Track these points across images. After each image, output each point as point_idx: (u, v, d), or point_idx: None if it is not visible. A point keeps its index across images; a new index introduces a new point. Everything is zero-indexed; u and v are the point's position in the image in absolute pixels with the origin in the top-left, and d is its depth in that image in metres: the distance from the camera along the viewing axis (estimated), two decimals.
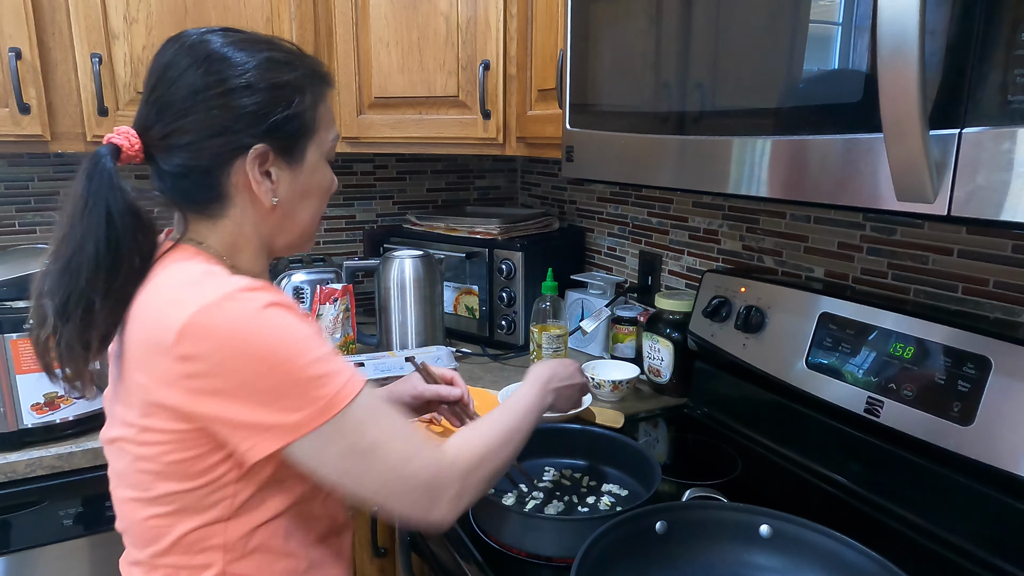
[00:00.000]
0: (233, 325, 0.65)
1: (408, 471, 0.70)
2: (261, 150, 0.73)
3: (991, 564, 0.89)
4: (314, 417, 0.66)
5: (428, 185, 2.17)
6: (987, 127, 0.58)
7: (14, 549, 1.19)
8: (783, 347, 1.17)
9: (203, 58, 0.72)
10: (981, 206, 0.59)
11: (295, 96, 0.75)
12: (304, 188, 0.79)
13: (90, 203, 0.70)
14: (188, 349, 0.65)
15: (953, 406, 0.91)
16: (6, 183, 1.68)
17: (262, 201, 0.76)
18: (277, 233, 0.80)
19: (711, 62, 0.87)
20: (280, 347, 0.66)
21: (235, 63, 0.72)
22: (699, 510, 0.88)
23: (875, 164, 0.68)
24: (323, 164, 0.81)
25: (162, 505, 0.72)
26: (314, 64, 0.79)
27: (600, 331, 1.68)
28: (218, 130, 0.72)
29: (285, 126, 0.74)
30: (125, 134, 0.73)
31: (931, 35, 0.59)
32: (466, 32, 1.50)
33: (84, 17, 1.36)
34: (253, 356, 0.64)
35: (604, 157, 1.09)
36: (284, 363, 0.65)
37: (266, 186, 0.75)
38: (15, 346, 1.14)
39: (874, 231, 1.16)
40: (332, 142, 0.81)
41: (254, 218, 0.77)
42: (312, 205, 0.81)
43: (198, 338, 0.65)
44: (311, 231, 0.84)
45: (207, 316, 0.65)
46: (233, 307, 0.65)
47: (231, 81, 0.71)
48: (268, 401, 0.65)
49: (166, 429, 0.69)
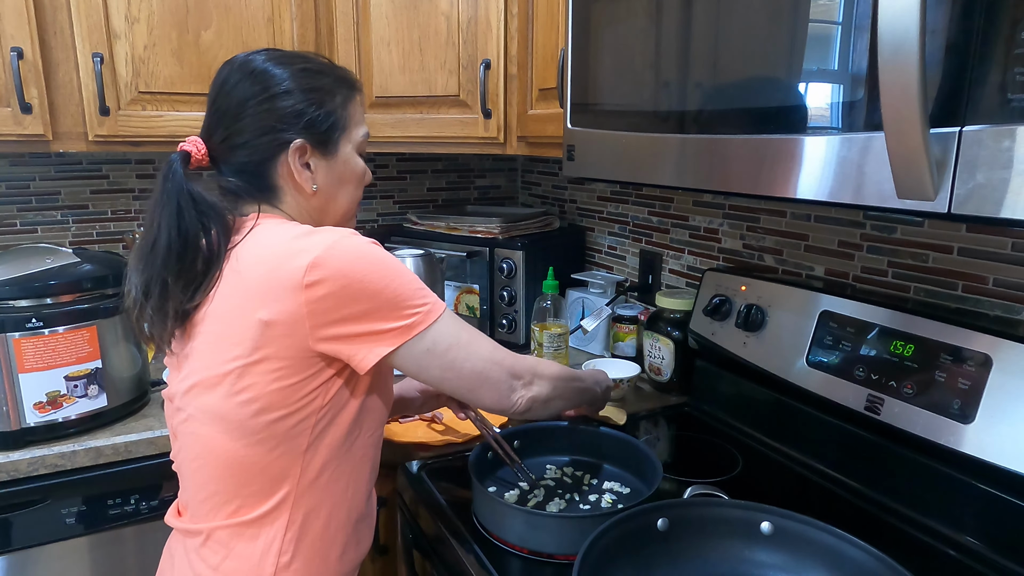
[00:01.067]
0: (354, 255, 0.80)
1: (497, 357, 0.89)
2: (300, 144, 0.88)
3: (991, 561, 0.89)
4: (422, 320, 0.83)
5: (429, 184, 2.18)
6: (987, 125, 0.58)
7: (16, 548, 1.19)
8: (784, 345, 1.17)
9: (249, 72, 0.88)
10: (981, 203, 0.59)
11: (327, 98, 0.89)
12: (340, 176, 0.93)
13: (164, 200, 0.83)
14: (316, 276, 0.78)
15: (953, 404, 0.91)
16: (7, 183, 1.68)
17: (304, 188, 0.90)
18: (322, 217, 0.94)
19: (711, 61, 0.87)
20: (389, 271, 0.81)
21: (275, 74, 0.88)
22: (700, 507, 0.88)
23: (876, 162, 0.68)
24: (355, 156, 0.94)
25: (253, 435, 0.82)
26: (344, 72, 0.94)
27: (601, 330, 1.68)
28: (266, 129, 0.87)
29: (320, 123, 0.89)
30: (193, 142, 0.89)
31: (931, 34, 0.60)
32: (467, 32, 1.50)
33: (86, 17, 1.36)
34: (373, 276, 0.80)
35: (605, 156, 1.10)
36: (395, 281, 0.81)
37: (306, 175, 0.90)
38: (18, 345, 1.14)
39: (874, 229, 1.17)
40: (362, 137, 0.95)
41: (302, 203, 0.91)
42: (349, 191, 0.95)
43: (327, 269, 0.78)
44: (352, 212, 0.98)
45: (333, 251, 0.79)
46: (350, 243, 0.80)
47: (272, 88, 0.87)
48: (387, 311, 0.81)
49: (281, 356, 0.80)
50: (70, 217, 1.75)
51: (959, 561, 0.90)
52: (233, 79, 0.88)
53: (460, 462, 1.15)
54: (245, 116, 0.87)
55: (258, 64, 0.88)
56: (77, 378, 1.20)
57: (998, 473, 0.86)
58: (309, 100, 0.88)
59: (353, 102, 0.94)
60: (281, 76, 0.88)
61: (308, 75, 0.89)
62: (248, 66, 0.89)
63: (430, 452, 1.20)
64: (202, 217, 0.84)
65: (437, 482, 1.10)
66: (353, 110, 0.94)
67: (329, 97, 0.90)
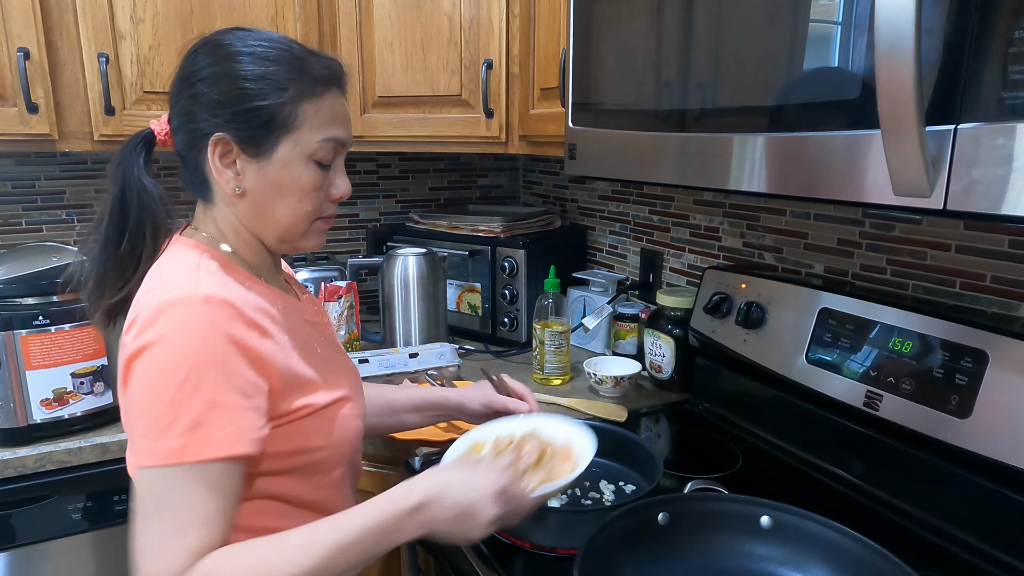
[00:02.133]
0: (165, 330, 0.68)
1: (141, 560, 0.67)
2: (219, 139, 0.75)
3: (988, 554, 0.90)
4: (160, 454, 0.66)
5: (431, 184, 2.19)
6: (982, 123, 0.59)
7: (23, 543, 1.20)
8: (783, 343, 1.18)
9: (203, 46, 0.77)
10: (976, 200, 0.60)
11: (269, 91, 0.75)
12: (275, 183, 0.78)
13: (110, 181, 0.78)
14: (129, 338, 0.70)
15: (951, 399, 0.92)
16: (13, 182, 1.69)
17: (224, 189, 0.78)
18: (258, 227, 0.81)
19: (712, 60, 0.88)
20: (186, 368, 0.66)
21: (218, 55, 0.76)
22: (701, 502, 0.89)
23: (873, 160, 0.69)
24: (301, 163, 0.78)
25: None
26: (318, 64, 0.78)
27: (602, 328, 1.69)
28: (187, 117, 0.77)
29: (250, 118, 0.75)
30: (160, 121, 0.81)
31: (927, 33, 0.61)
32: (469, 32, 1.51)
33: (91, 17, 1.37)
34: (163, 365, 0.67)
35: (606, 155, 1.11)
36: (178, 384, 0.66)
37: (227, 175, 0.77)
38: (25, 342, 1.15)
39: (873, 227, 1.18)
40: (322, 143, 0.78)
41: (230, 206, 0.80)
42: (289, 202, 0.79)
43: (138, 331, 0.69)
44: (298, 229, 0.81)
45: (153, 314, 0.69)
46: (175, 313, 0.68)
47: (206, 71, 0.75)
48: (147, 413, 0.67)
49: None
50: (75, 216, 1.76)
51: (956, 555, 0.91)
52: (193, 49, 0.79)
53: None
54: (177, 99, 0.78)
55: (213, 40, 0.77)
56: (83, 375, 1.21)
57: (995, 468, 0.87)
58: (242, 90, 0.74)
59: (314, 99, 0.77)
60: (224, 56, 0.75)
61: (256, 60, 0.75)
62: (207, 41, 0.78)
63: (433, 448, 1.21)
64: (143, 213, 0.78)
65: None
66: (309, 108, 0.77)
67: (274, 90, 0.75)
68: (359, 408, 0.90)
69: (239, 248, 0.83)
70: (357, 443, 0.90)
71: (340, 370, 0.89)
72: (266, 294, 0.81)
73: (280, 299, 0.84)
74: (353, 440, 0.88)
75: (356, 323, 1.66)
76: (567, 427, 0.87)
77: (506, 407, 1.05)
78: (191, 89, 0.76)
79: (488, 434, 0.90)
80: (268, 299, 0.80)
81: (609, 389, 1.43)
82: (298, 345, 0.81)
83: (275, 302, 0.82)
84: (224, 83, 0.75)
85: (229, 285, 0.74)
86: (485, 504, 0.72)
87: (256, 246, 0.84)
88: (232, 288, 0.74)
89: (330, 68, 0.80)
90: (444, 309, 1.73)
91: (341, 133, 0.80)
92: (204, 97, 0.75)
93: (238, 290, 0.74)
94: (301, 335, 0.83)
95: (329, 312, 1.61)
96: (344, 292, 1.61)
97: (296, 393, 0.78)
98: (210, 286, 0.71)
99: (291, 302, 0.87)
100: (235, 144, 0.76)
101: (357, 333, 1.66)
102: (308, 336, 0.85)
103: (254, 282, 0.81)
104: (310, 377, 0.80)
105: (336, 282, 1.64)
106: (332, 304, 1.61)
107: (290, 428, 0.78)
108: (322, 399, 0.81)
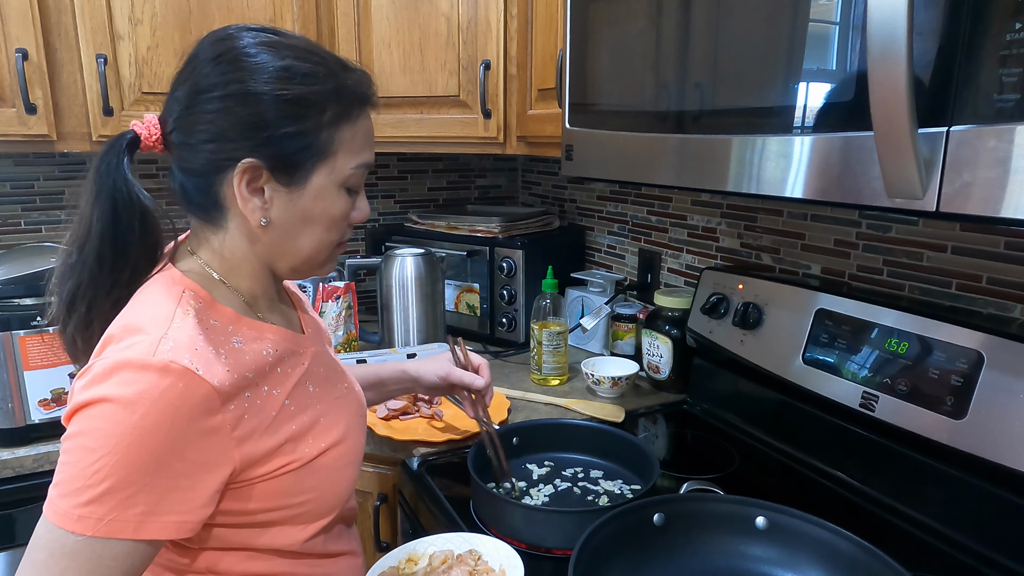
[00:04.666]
0: (110, 391, 0.61)
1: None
2: (250, 165, 0.68)
3: (983, 555, 0.90)
4: (60, 516, 0.60)
5: (429, 184, 2.19)
6: (974, 125, 0.59)
7: (21, 543, 1.21)
8: (780, 343, 1.19)
9: (221, 54, 0.68)
10: (969, 202, 0.60)
11: (308, 112, 0.68)
12: (305, 214, 0.72)
13: (96, 194, 0.69)
14: (78, 383, 0.64)
15: (946, 400, 0.92)
16: (12, 182, 1.69)
17: (249, 219, 0.71)
18: (276, 256, 0.74)
19: (710, 61, 0.88)
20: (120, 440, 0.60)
21: (247, 66, 0.67)
22: (696, 502, 0.89)
23: (868, 162, 0.69)
24: (334, 191, 0.72)
25: None
26: (349, 80, 0.72)
27: (600, 328, 1.69)
28: (213, 135, 0.68)
29: (286, 144, 0.68)
30: (148, 123, 0.72)
31: (919, 36, 0.61)
32: (467, 32, 1.51)
33: (90, 18, 1.37)
34: (98, 428, 0.61)
35: (603, 156, 1.11)
36: (106, 454, 0.60)
37: (253, 204, 0.70)
38: (23, 343, 1.15)
39: (870, 228, 1.18)
40: (356, 170, 0.73)
41: (248, 235, 0.73)
42: (316, 232, 0.74)
43: (87, 381, 0.62)
44: (319, 259, 0.76)
45: (104, 368, 0.62)
46: (124, 376, 0.61)
47: (235, 85, 0.67)
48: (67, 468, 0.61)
49: None
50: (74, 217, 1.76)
51: (951, 555, 0.91)
52: (203, 56, 0.69)
53: (460, 458, 1.16)
54: (196, 110, 0.68)
55: (237, 45, 0.69)
56: None
57: (989, 468, 0.87)
58: (280, 111, 0.67)
59: (350, 122, 0.71)
60: (256, 69, 0.67)
61: (288, 76, 0.68)
62: (225, 44, 0.69)
63: (430, 449, 1.21)
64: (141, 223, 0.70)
65: (437, 478, 1.12)
66: (346, 133, 0.71)
67: (312, 112, 0.69)
68: (353, 451, 0.82)
69: (239, 279, 0.75)
70: (350, 491, 0.83)
71: (337, 405, 0.81)
72: (253, 339, 0.73)
73: (270, 339, 0.75)
74: (345, 490, 0.81)
75: (354, 323, 1.66)
76: (506, 552, 0.85)
77: (462, 381, 1.06)
78: (216, 103, 0.67)
79: (427, 547, 0.87)
80: (255, 344, 0.72)
81: (606, 389, 1.43)
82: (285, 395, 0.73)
83: (260, 347, 0.73)
84: (259, 102, 0.67)
85: (199, 344, 0.65)
86: None
87: (263, 276, 0.76)
88: (202, 349, 0.65)
89: (364, 84, 0.73)
90: (442, 309, 1.73)
91: (371, 156, 0.74)
92: (234, 116, 0.67)
93: (209, 351, 0.66)
94: (290, 380, 0.75)
95: (327, 312, 1.61)
96: (342, 292, 1.62)
97: (271, 457, 0.70)
98: (175, 348, 0.63)
99: (284, 338, 0.77)
100: (267, 171, 0.69)
101: (355, 333, 1.66)
102: (300, 377, 0.77)
103: (241, 324, 0.73)
104: (292, 434, 0.72)
105: (334, 282, 1.64)
106: (330, 304, 1.61)
107: (269, 485, 0.71)
108: (307, 453, 0.73)
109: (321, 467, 0.75)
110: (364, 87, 0.74)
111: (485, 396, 1.08)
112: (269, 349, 0.74)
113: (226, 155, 0.68)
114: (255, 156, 0.68)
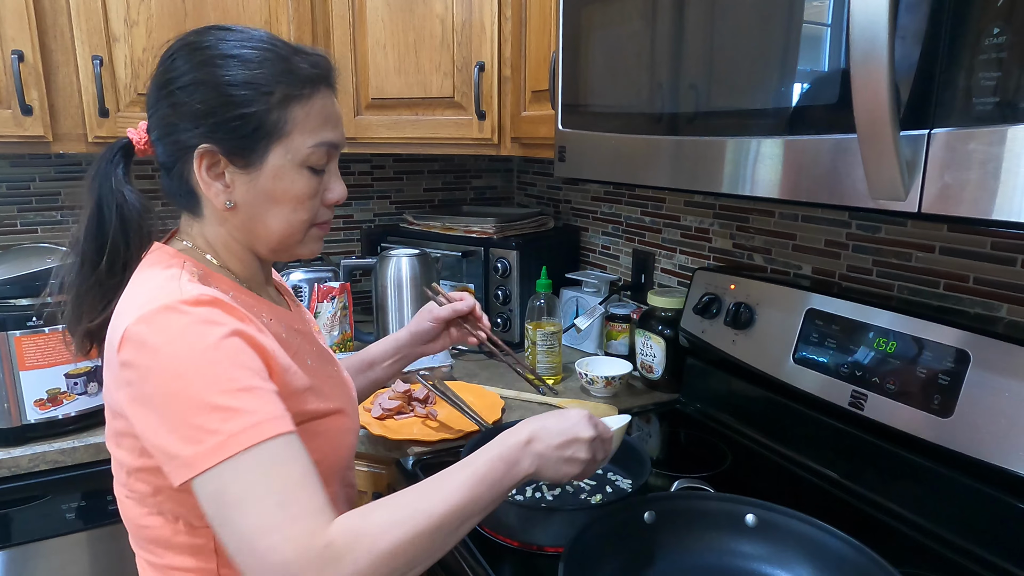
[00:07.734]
0: (161, 337, 0.63)
1: (260, 545, 0.58)
2: (205, 150, 0.71)
3: (970, 552, 0.91)
4: (207, 455, 0.60)
5: (425, 185, 2.20)
6: (955, 128, 0.60)
7: (17, 543, 1.21)
8: (771, 343, 1.20)
9: (176, 51, 0.72)
10: (949, 203, 0.61)
11: (255, 96, 0.71)
12: (268, 193, 0.74)
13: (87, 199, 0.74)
14: (126, 355, 0.64)
15: (933, 399, 0.93)
16: (8, 183, 1.70)
17: (214, 203, 0.74)
18: (251, 239, 0.78)
19: (703, 63, 0.89)
20: (195, 368, 0.62)
21: (198, 59, 0.71)
22: (687, 500, 0.90)
23: (853, 164, 0.70)
24: (293, 171, 0.74)
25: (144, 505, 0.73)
26: (302, 62, 0.74)
27: (594, 328, 1.70)
28: (169, 128, 0.72)
29: (236, 127, 0.71)
30: (140, 128, 0.77)
31: (901, 39, 0.62)
32: (461, 34, 1.52)
33: (85, 20, 1.38)
34: (170, 373, 0.62)
35: (596, 157, 1.12)
36: (193, 386, 0.61)
37: (216, 188, 0.73)
38: (19, 343, 1.16)
39: (859, 229, 1.19)
40: (314, 148, 0.74)
41: (220, 219, 0.76)
42: (283, 212, 0.75)
43: (133, 346, 0.64)
44: (293, 239, 0.78)
45: (143, 325, 0.64)
46: (166, 319, 0.63)
47: (186, 77, 0.71)
48: (174, 426, 0.61)
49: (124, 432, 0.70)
50: (70, 218, 1.76)
51: (938, 552, 0.92)
52: (168, 52, 0.73)
53: (454, 457, 1.15)
54: (159, 106, 0.73)
55: (194, 41, 0.72)
56: (77, 376, 1.22)
57: (976, 466, 0.88)
58: (226, 96, 0.70)
59: (302, 102, 0.73)
60: (205, 61, 0.70)
61: (239, 63, 0.71)
62: (183, 41, 0.73)
63: (424, 448, 1.22)
64: (124, 227, 0.74)
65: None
66: (298, 113, 0.73)
67: (260, 95, 0.71)
68: (353, 423, 0.87)
69: (228, 261, 0.79)
70: (349, 459, 0.87)
71: (332, 383, 0.86)
72: (253, 304, 0.78)
73: (268, 310, 0.81)
74: (346, 456, 0.85)
75: (350, 324, 1.67)
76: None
77: (453, 310, 1.09)
78: (170, 97, 0.71)
79: None
80: (255, 310, 0.77)
81: (600, 389, 1.44)
82: (290, 353, 0.77)
83: (261, 313, 0.78)
84: (206, 90, 0.70)
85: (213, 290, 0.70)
86: (582, 427, 0.76)
87: (247, 258, 0.80)
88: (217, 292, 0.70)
89: (318, 66, 0.75)
90: None
91: (334, 136, 0.76)
92: (185, 106, 0.70)
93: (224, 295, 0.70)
94: (292, 345, 0.80)
95: (323, 313, 1.62)
96: (337, 293, 1.62)
97: (292, 399, 0.72)
98: (195, 288, 0.68)
99: (281, 313, 0.84)
100: (222, 155, 0.72)
101: (351, 334, 1.67)
102: (299, 347, 0.82)
103: (240, 292, 0.78)
104: (306, 384, 0.76)
105: (330, 283, 1.65)
106: (325, 304, 1.62)
107: None
108: (317, 408, 0.77)
109: (323, 431, 0.78)
110: (317, 67, 0.75)
111: (480, 319, 1.11)
112: (266, 317, 0.79)
113: (184, 144, 0.72)
114: (209, 141, 0.71)
